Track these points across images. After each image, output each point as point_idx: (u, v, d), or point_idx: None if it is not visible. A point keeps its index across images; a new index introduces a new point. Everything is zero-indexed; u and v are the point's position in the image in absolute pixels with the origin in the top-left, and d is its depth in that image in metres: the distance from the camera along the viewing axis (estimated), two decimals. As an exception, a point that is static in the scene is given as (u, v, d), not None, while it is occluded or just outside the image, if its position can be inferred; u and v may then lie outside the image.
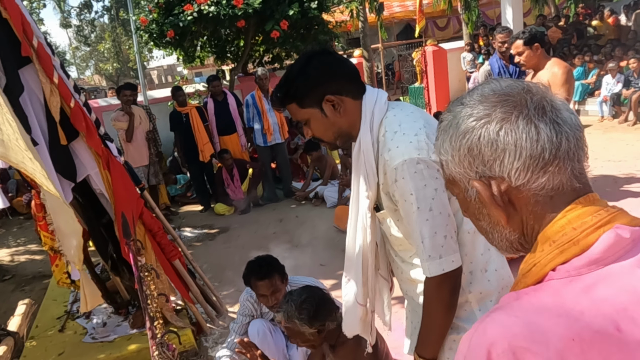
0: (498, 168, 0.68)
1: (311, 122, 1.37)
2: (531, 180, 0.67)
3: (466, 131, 0.69)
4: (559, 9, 15.04)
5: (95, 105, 7.70)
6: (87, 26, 27.83)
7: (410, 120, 1.31)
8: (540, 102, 0.68)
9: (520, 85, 0.71)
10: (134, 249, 2.36)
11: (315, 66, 1.33)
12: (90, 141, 2.60)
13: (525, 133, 0.66)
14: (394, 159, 1.25)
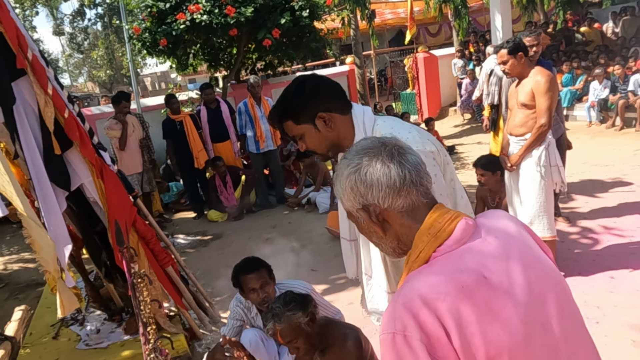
0: (370, 198, 1.00)
1: (306, 137, 1.56)
2: (393, 203, 0.99)
3: (347, 176, 1.02)
4: (547, 15, 15.24)
5: (89, 114, 7.74)
6: (80, 34, 27.83)
7: (399, 123, 1.55)
8: (391, 150, 1.02)
9: (378, 140, 1.06)
10: (127, 256, 2.40)
11: (307, 88, 1.54)
12: (84, 151, 2.65)
13: (382, 172, 0.99)
14: None
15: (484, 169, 3.91)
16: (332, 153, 1.61)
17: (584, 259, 3.79)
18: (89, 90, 35.24)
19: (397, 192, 0.98)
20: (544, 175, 3.29)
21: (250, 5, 6.53)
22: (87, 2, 23.07)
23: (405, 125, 1.53)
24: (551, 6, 14.80)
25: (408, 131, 1.49)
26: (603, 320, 2.97)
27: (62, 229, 2.68)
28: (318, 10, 7.29)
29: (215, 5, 6.54)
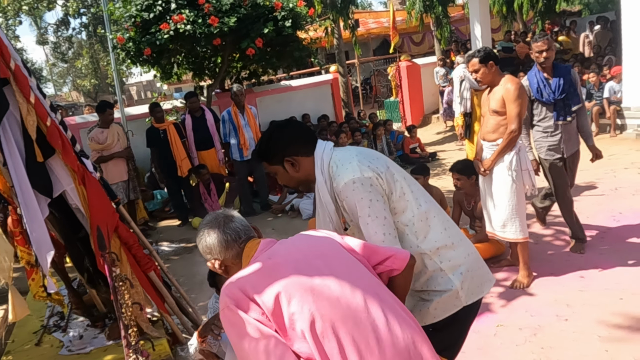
0: (213, 254, 1.57)
1: (278, 175, 1.87)
2: (224, 256, 1.56)
3: (199, 241, 1.60)
4: (527, 25, 15.62)
5: (72, 123, 7.74)
6: (64, 43, 27.65)
7: (345, 155, 1.76)
8: (219, 222, 1.57)
9: (214, 215, 1.62)
10: (108, 260, 2.46)
11: (277, 137, 1.84)
12: (66, 158, 2.71)
13: (214, 237, 1.55)
14: (338, 184, 1.71)
15: (459, 174, 4.03)
16: (303, 188, 1.90)
17: (557, 260, 3.93)
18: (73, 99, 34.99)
19: (226, 248, 1.55)
20: (515, 179, 3.42)
21: (233, 16, 6.63)
22: (72, 11, 22.98)
23: (350, 156, 1.74)
24: (530, 16, 15.16)
25: (349, 162, 1.72)
26: (572, 317, 3.09)
27: (44, 235, 2.72)
28: (301, 20, 7.40)
29: (199, 16, 6.63)
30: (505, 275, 3.77)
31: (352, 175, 1.66)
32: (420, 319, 1.72)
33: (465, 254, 1.79)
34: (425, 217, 1.73)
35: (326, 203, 1.79)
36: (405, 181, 1.76)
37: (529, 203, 4.21)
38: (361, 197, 1.65)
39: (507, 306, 3.34)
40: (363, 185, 1.64)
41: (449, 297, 1.73)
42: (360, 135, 8.30)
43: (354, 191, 1.66)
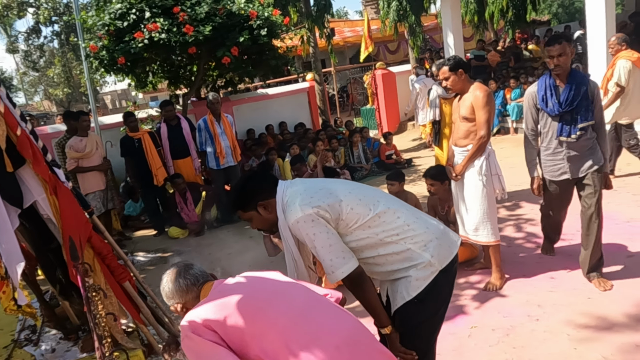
0: (175, 299, 1.81)
1: (253, 220, 2.05)
2: (186, 299, 1.79)
3: (162, 288, 1.84)
4: (498, 34, 16.03)
5: (44, 132, 7.60)
6: (35, 51, 27.09)
7: (292, 195, 1.95)
8: (182, 268, 1.83)
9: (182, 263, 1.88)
10: (81, 271, 2.43)
11: (249, 185, 2.05)
12: (37, 168, 2.66)
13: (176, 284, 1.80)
14: (289, 221, 1.92)
15: (432, 179, 4.11)
16: (276, 229, 2.05)
17: (529, 262, 4.03)
18: (45, 109, 34.20)
19: (186, 292, 1.79)
20: (485, 184, 3.51)
21: (208, 24, 6.63)
22: (43, 19, 22.58)
23: (296, 194, 1.93)
24: (501, 25, 15.57)
25: (293, 202, 1.91)
26: (543, 317, 3.18)
27: (14, 246, 2.67)
28: (276, 29, 7.45)
29: (174, 24, 6.61)
30: (479, 278, 3.85)
31: (295, 216, 1.88)
32: (407, 292, 1.95)
33: (424, 227, 2.00)
34: (378, 217, 1.95)
35: (286, 237, 2.00)
36: (352, 194, 1.96)
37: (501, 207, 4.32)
38: (306, 232, 1.88)
39: (481, 308, 3.42)
40: (306, 223, 1.87)
41: (425, 267, 1.95)
42: (337, 143, 8.37)
43: (299, 229, 1.89)
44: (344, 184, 2.06)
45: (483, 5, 14.10)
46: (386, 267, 1.99)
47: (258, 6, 7.17)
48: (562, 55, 3.16)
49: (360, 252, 1.97)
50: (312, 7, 10.05)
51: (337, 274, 1.89)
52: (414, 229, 1.97)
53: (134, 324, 3.41)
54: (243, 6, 6.97)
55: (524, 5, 13.80)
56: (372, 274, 2.05)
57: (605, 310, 3.14)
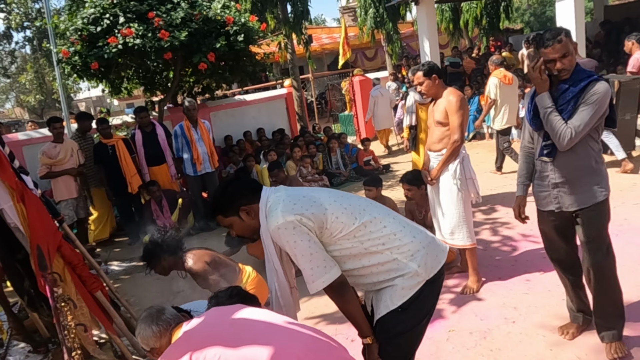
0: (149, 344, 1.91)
1: (234, 226, 2.00)
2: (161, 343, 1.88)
3: (137, 335, 1.93)
4: (472, 41, 16.33)
5: (14, 139, 7.39)
6: (6, 57, 26.42)
7: (274, 201, 1.91)
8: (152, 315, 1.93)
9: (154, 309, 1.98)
10: (50, 281, 2.35)
11: (231, 189, 2.01)
12: (3, 175, 2.58)
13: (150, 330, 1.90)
14: (270, 227, 1.88)
15: (409, 184, 4.14)
16: (257, 236, 2.01)
17: (504, 265, 4.08)
18: (17, 116, 33.35)
19: (159, 338, 1.87)
20: (460, 188, 3.55)
21: (184, 30, 6.56)
22: (14, 24, 22.05)
23: (278, 201, 1.90)
24: (475, 33, 15.88)
25: (275, 209, 1.88)
26: (519, 319, 3.21)
27: (-21, 257, 2.58)
28: (253, 35, 7.42)
29: (149, 30, 6.52)
30: (456, 282, 3.87)
31: (276, 223, 1.85)
32: (392, 301, 1.92)
33: (411, 237, 1.96)
34: (364, 226, 1.91)
35: (267, 245, 1.97)
36: (337, 203, 1.93)
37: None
38: (287, 240, 1.84)
39: (458, 312, 3.44)
40: (287, 230, 1.83)
41: (411, 277, 1.92)
42: (314, 149, 8.37)
43: (281, 235, 1.85)
44: (328, 193, 2.01)
45: (458, 13, 14.37)
46: (371, 279, 1.96)
47: (235, 12, 7.14)
48: (566, 55, 2.40)
49: (343, 263, 1.93)
50: (289, 14, 10.07)
51: (317, 284, 1.85)
52: (400, 239, 1.93)
53: (106, 335, 3.33)
54: (219, 12, 6.93)
55: (497, 14, 14.12)
56: (356, 286, 2.02)
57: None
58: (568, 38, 2.42)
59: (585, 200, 2.53)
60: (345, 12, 25.02)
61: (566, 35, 2.42)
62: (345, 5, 24.83)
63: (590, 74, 2.48)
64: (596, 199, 2.52)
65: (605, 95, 2.40)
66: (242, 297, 2.19)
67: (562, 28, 2.46)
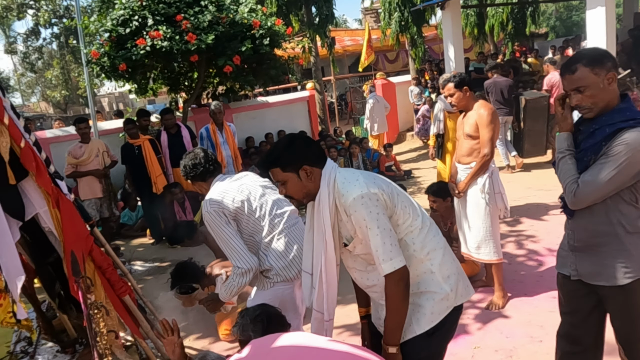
0: None
1: (288, 183, 1.89)
2: None
3: None
4: (497, 46, 16.12)
5: (42, 137, 7.55)
6: (33, 53, 26.99)
7: (350, 173, 1.88)
8: None
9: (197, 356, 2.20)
10: (83, 287, 2.39)
11: (298, 144, 1.91)
12: (40, 180, 2.63)
13: None
14: (347, 199, 1.79)
15: (435, 196, 4.11)
16: (306, 200, 1.94)
17: (529, 280, 4.02)
18: (42, 110, 34.06)
19: None
20: (488, 202, 3.50)
21: (211, 33, 6.62)
22: (42, 21, 22.53)
23: (355, 175, 1.85)
24: (500, 38, 15.68)
25: (356, 179, 1.82)
26: (545, 338, 3.15)
27: (14, 260, 2.63)
28: (278, 39, 7.46)
29: (176, 32, 6.60)
30: (481, 297, 3.83)
31: (360, 191, 1.77)
32: (418, 326, 1.84)
33: (451, 259, 1.95)
34: (421, 226, 1.89)
35: (324, 217, 1.86)
36: (403, 196, 1.91)
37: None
38: (370, 210, 1.76)
39: (483, 328, 3.39)
40: (371, 200, 1.76)
41: (442, 300, 1.86)
42: (336, 153, 8.37)
43: (362, 205, 1.76)
44: (393, 183, 1.98)
45: (483, 18, 14.20)
46: None
47: (261, 15, 7.18)
48: (581, 90, 1.89)
49: None
50: (314, 17, 10.07)
51: (394, 262, 1.73)
52: (443, 255, 1.90)
53: (132, 338, 3.37)
54: (246, 15, 6.97)
55: (524, 19, 13.90)
56: (372, 290, 1.95)
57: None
58: (590, 68, 1.85)
59: (606, 277, 1.98)
60: (367, 13, 24.97)
61: (587, 64, 1.85)
62: (368, 7, 24.76)
63: (632, 116, 1.86)
64: (616, 280, 1.95)
65: (635, 149, 1.79)
66: (265, 322, 2.15)
67: (584, 54, 1.92)
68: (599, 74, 1.85)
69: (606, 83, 1.86)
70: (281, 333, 1.72)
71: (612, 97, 1.89)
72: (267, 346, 1.63)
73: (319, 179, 1.87)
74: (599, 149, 1.88)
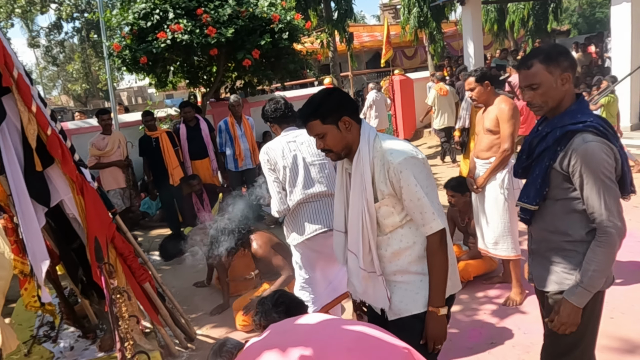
0: None
1: (327, 136, 1.88)
2: None
3: None
4: (517, 43, 15.89)
5: (65, 129, 7.69)
6: (55, 46, 27.47)
7: (394, 138, 1.95)
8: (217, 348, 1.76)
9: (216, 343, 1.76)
10: (106, 272, 2.45)
11: (337, 96, 1.92)
12: (65, 167, 2.70)
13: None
14: (396, 158, 1.81)
15: (453, 191, 4.08)
16: (344, 153, 1.92)
17: (548, 278, 3.97)
18: (62, 103, 34.68)
19: None
20: (507, 197, 3.47)
21: (231, 27, 6.66)
22: (65, 15, 22.89)
23: (399, 140, 1.91)
24: (521, 34, 15.46)
25: (403, 143, 1.88)
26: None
27: (40, 244, 2.70)
28: (297, 33, 7.46)
29: (197, 26, 6.65)
30: (498, 293, 3.80)
31: (411, 153, 1.83)
32: (414, 305, 1.88)
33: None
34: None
35: (364, 172, 1.86)
36: None
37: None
38: (420, 170, 1.81)
39: (500, 323, 3.38)
40: (417, 164, 1.82)
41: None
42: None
43: (414, 165, 1.80)
44: None
45: (504, 14, 14.01)
46: (405, 260, 1.88)
47: (280, 10, 7.19)
48: (534, 87, 1.83)
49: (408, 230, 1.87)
50: (332, 12, 10.07)
51: (438, 222, 1.80)
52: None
53: (151, 325, 3.44)
54: (266, 10, 6.99)
55: (546, 15, 13.68)
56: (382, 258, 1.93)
57: (628, 331, 3.08)
58: (545, 65, 1.78)
59: (545, 282, 1.94)
60: (385, 9, 24.84)
61: (542, 61, 1.79)
62: (387, 3, 24.61)
63: (582, 119, 1.76)
64: (558, 286, 1.89)
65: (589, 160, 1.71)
66: (287, 303, 2.19)
67: (542, 50, 1.84)
68: (553, 72, 1.79)
69: (559, 83, 1.80)
70: (299, 316, 1.75)
71: (565, 98, 1.82)
72: (283, 327, 1.66)
73: (357, 134, 1.88)
74: (554, 154, 1.81)
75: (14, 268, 2.95)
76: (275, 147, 2.91)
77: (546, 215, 1.91)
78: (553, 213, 1.88)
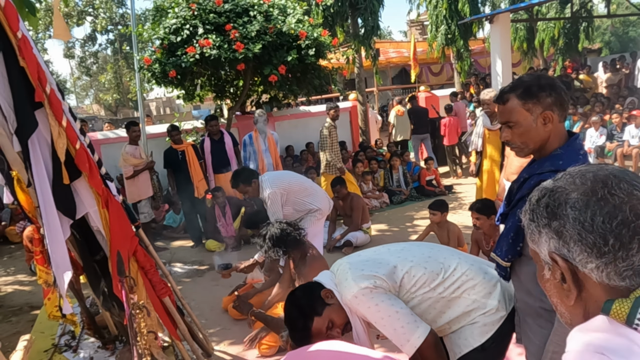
0: None
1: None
2: None
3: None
4: (547, 61, 15.64)
5: (94, 139, 7.89)
6: (89, 57, 28.39)
7: (341, 272, 1.91)
8: None
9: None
10: (126, 287, 2.46)
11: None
12: (92, 181, 2.74)
13: None
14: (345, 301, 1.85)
15: (479, 213, 3.99)
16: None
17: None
18: (94, 112, 35.65)
19: None
20: (536, 223, 3.36)
21: (258, 42, 6.75)
22: (99, 28, 23.66)
23: (347, 270, 1.85)
24: (551, 52, 15.22)
25: (345, 279, 1.83)
26: None
27: (64, 256, 2.74)
28: (324, 49, 7.51)
29: (225, 41, 6.76)
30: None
31: (351, 292, 1.77)
32: (473, 339, 1.83)
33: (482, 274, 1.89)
34: (448, 274, 1.86)
35: (354, 323, 1.85)
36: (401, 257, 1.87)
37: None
38: (367, 306, 1.75)
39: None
40: (364, 296, 1.74)
41: (494, 313, 1.84)
42: (376, 165, 8.31)
43: (359, 304, 1.77)
44: (386, 248, 2.01)
45: (533, 32, 13.83)
46: (455, 326, 1.89)
47: (308, 26, 7.26)
48: (512, 124, 1.63)
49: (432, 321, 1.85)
50: (359, 28, 10.10)
51: (412, 342, 1.72)
52: (473, 278, 1.88)
53: (169, 339, 3.43)
54: (293, 26, 7.06)
55: (577, 34, 13.44)
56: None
57: None
58: (522, 101, 1.57)
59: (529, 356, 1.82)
60: (412, 25, 24.85)
61: (520, 97, 1.57)
62: (414, 19, 24.64)
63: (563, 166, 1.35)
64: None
65: None
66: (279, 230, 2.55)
67: (523, 82, 1.61)
68: (532, 110, 1.56)
69: (540, 122, 1.55)
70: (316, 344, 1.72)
71: (551, 139, 1.58)
72: (302, 353, 1.62)
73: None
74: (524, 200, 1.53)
75: (38, 278, 3.00)
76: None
77: (521, 275, 1.69)
78: (527, 272, 1.62)
